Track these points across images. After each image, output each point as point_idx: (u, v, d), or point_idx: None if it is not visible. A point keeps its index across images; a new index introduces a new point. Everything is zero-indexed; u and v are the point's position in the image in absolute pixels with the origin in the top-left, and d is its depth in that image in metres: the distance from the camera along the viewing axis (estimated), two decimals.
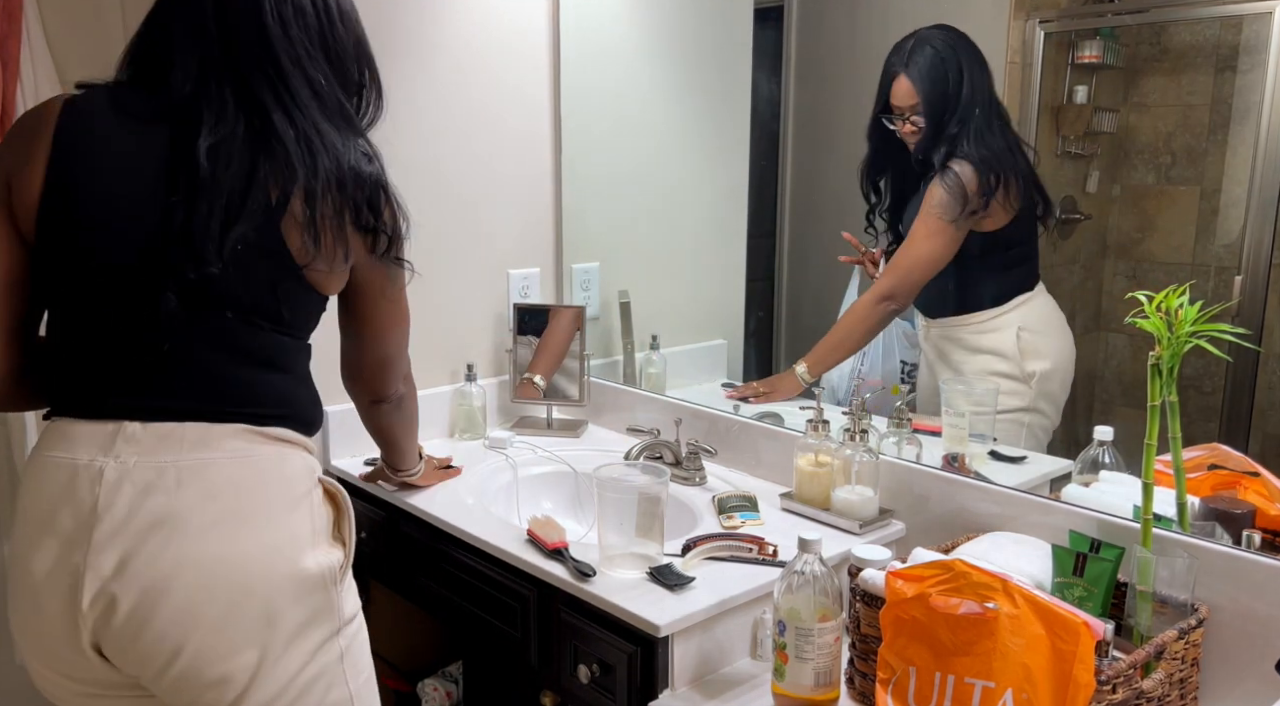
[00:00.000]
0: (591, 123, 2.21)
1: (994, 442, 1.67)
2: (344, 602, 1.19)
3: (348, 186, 1.18)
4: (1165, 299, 1.22)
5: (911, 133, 1.74)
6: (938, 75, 1.70)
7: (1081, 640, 1.06)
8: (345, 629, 1.19)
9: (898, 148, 1.77)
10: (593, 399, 2.16)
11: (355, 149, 1.20)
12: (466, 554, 1.63)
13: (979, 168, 1.65)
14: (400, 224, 1.29)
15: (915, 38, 1.72)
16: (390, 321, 1.38)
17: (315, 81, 1.17)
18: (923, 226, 1.71)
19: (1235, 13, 1.51)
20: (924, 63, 1.71)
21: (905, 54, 1.72)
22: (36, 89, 1.96)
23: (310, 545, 1.15)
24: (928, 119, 1.70)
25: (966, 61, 1.69)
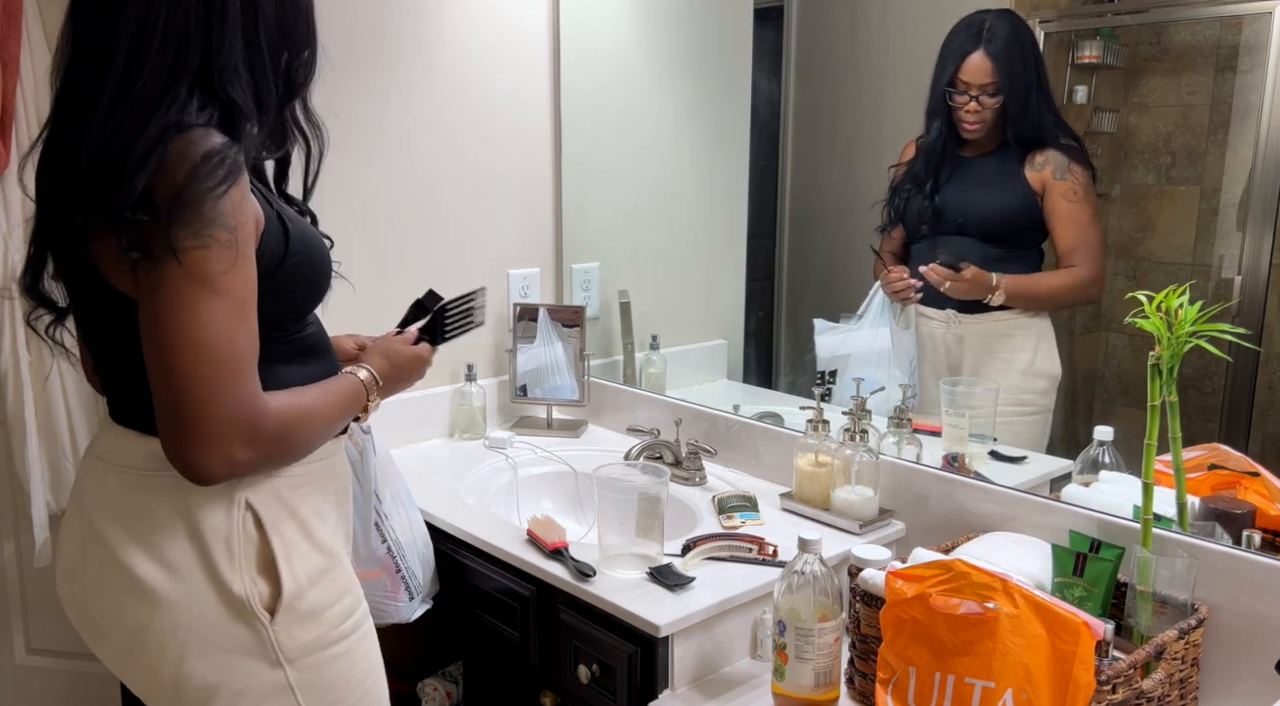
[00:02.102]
0: (591, 123, 2.21)
1: (994, 443, 1.67)
2: None
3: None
4: (1165, 299, 1.22)
5: (976, 112, 1.69)
6: (1017, 55, 1.66)
7: (1081, 640, 1.06)
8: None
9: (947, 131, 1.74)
10: (593, 399, 2.16)
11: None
12: (466, 554, 1.63)
13: (1081, 143, 1.64)
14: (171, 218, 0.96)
15: (989, 16, 1.67)
16: (151, 338, 1.00)
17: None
18: (1088, 207, 1.65)
19: (1235, 13, 1.51)
20: (1003, 39, 1.66)
21: (980, 31, 1.67)
22: (36, 89, 1.96)
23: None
24: (1008, 98, 1.67)
25: (1034, 47, 1.67)
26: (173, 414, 0.98)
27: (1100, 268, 1.66)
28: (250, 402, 1.01)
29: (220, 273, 0.98)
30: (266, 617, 1.08)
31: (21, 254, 1.97)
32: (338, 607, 1.15)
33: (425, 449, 2.03)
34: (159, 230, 0.96)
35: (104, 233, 1.00)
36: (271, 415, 1.03)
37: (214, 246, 0.97)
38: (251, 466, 1.04)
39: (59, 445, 2.03)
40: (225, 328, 0.98)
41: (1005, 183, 1.70)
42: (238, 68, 1.05)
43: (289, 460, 1.11)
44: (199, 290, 0.97)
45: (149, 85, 1.00)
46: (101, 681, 2.18)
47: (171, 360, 0.97)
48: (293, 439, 1.08)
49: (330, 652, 1.13)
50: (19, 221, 1.97)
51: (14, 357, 1.98)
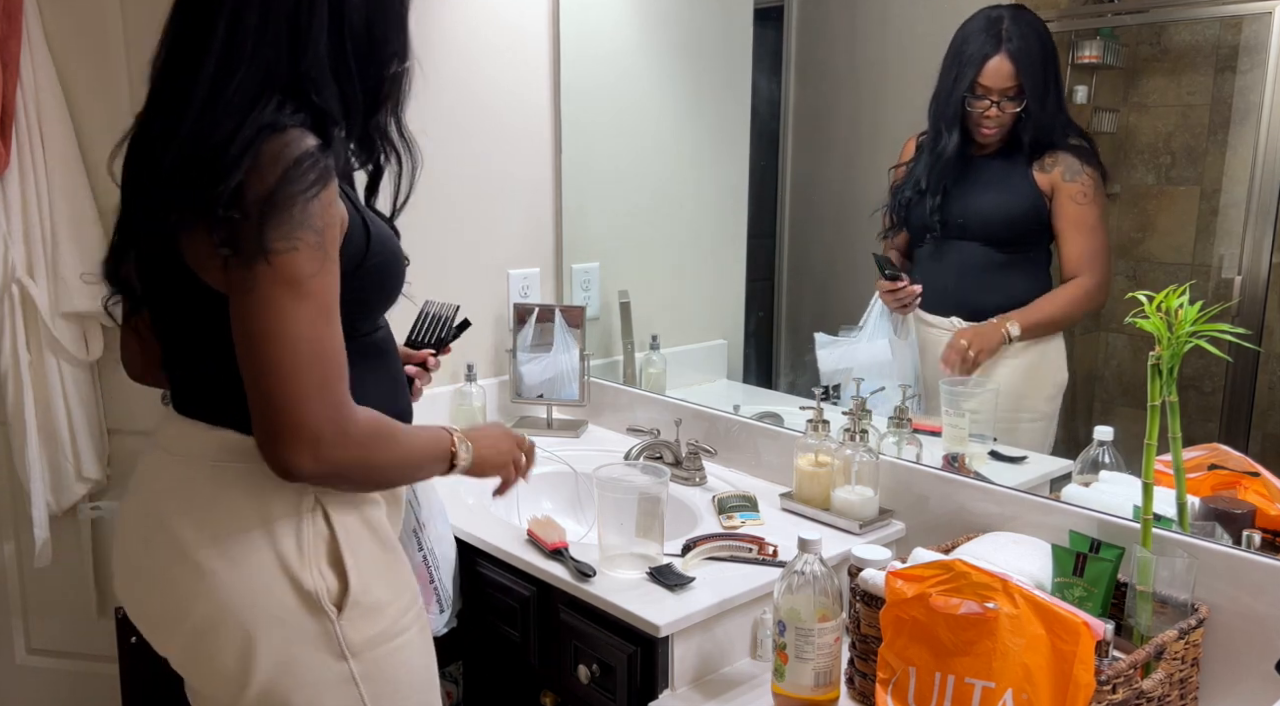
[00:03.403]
0: (591, 122, 2.21)
1: (994, 442, 1.67)
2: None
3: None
4: (1165, 299, 1.22)
5: (995, 117, 1.63)
6: (1039, 57, 1.60)
7: (1081, 640, 1.06)
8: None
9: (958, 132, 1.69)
10: (593, 399, 2.16)
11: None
12: (466, 553, 1.63)
13: (1092, 143, 1.60)
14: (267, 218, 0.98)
15: (1006, 15, 1.60)
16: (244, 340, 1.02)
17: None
18: (1095, 210, 1.61)
19: (1235, 13, 1.51)
20: (1024, 40, 1.59)
21: (1002, 31, 1.60)
22: (36, 89, 1.96)
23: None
24: (1029, 101, 1.60)
25: (1051, 44, 1.62)
26: (265, 413, 1.01)
27: (1105, 273, 1.64)
28: (342, 406, 1.03)
29: (309, 275, 1.00)
30: (334, 612, 1.10)
31: (22, 254, 1.97)
32: (399, 602, 1.17)
33: None
34: (251, 229, 0.97)
35: (197, 227, 1.01)
36: (359, 420, 1.05)
37: (302, 249, 0.99)
38: (340, 467, 1.05)
39: (59, 445, 2.03)
40: (313, 329, 1.01)
41: (1013, 185, 1.67)
42: (325, 75, 1.07)
43: (371, 473, 1.11)
44: (288, 292, 0.99)
45: (242, 86, 1.02)
46: (101, 681, 2.18)
47: (263, 360, 1.00)
48: (377, 450, 1.09)
49: (392, 646, 1.16)
50: (19, 221, 1.97)
51: (14, 358, 1.98)
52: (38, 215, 1.98)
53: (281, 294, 0.99)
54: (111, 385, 2.12)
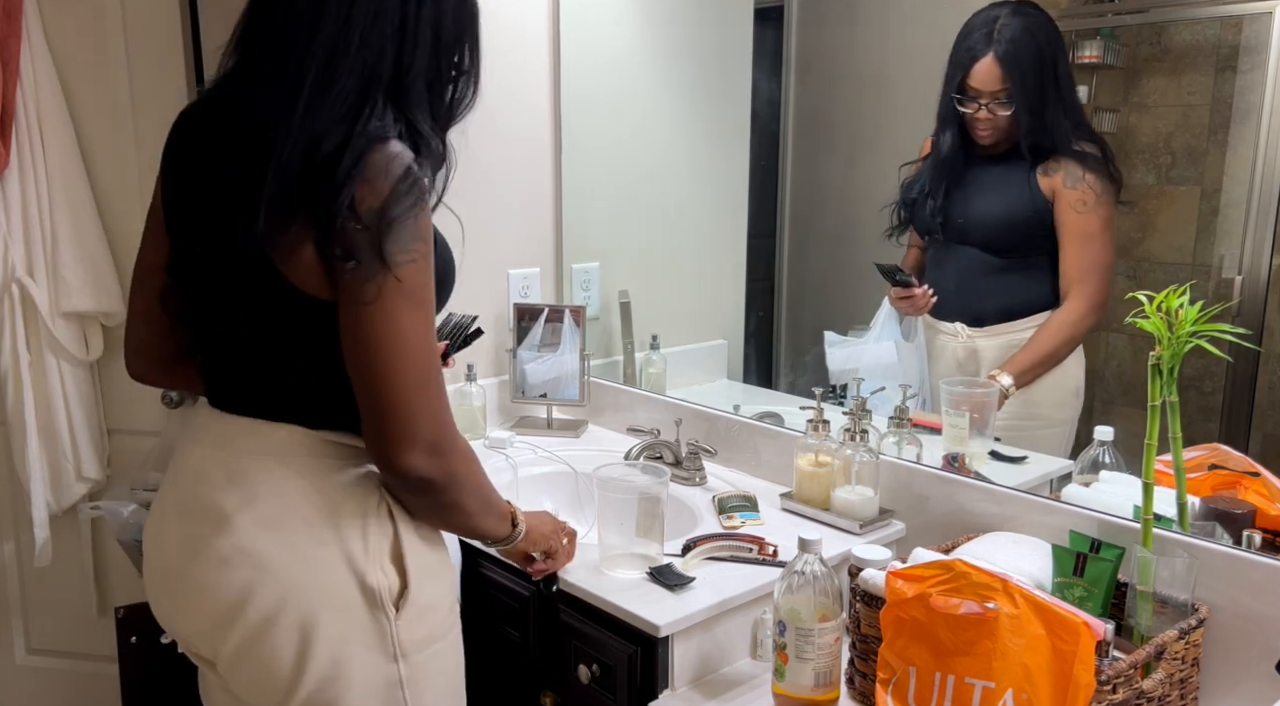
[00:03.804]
0: (591, 123, 2.21)
1: (996, 442, 1.67)
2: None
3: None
4: (1165, 299, 1.22)
5: (987, 119, 1.59)
6: (1030, 58, 1.55)
7: (1081, 640, 1.06)
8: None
9: (957, 135, 1.66)
10: (593, 399, 2.16)
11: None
12: (466, 553, 1.63)
13: (1105, 148, 1.55)
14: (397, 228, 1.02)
15: (1001, 12, 1.56)
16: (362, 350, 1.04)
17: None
18: (1096, 219, 1.55)
19: (1235, 13, 1.51)
20: (1014, 41, 1.54)
21: (991, 31, 1.55)
22: (36, 89, 1.96)
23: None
24: (1019, 105, 1.56)
25: (1056, 43, 1.56)
26: (385, 416, 1.04)
27: (1099, 292, 1.57)
28: (448, 410, 1.09)
29: (422, 285, 1.05)
30: (393, 612, 1.10)
31: (21, 254, 1.97)
32: (446, 602, 1.18)
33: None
34: (372, 241, 1.00)
35: (298, 231, 1.02)
36: (456, 433, 1.10)
37: (419, 261, 1.04)
38: (447, 473, 1.08)
39: (59, 445, 2.04)
40: (426, 338, 1.06)
41: (1014, 189, 1.62)
42: (423, 87, 1.10)
43: (463, 493, 1.13)
44: (407, 303, 1.03)
45: (348, 87, 1.03)
46: (101, 681, 2.18)
47: (384, 367, 1.03)
48: (471, 470, 1.14)
49: (435, 648, 1.16)
50: (19, 221, 1.97)
51: (14, 357, 1.98)
52: (38, 215, 1.98)
53: (403, 305, 1.03)
54: (111, 385, 2.12)
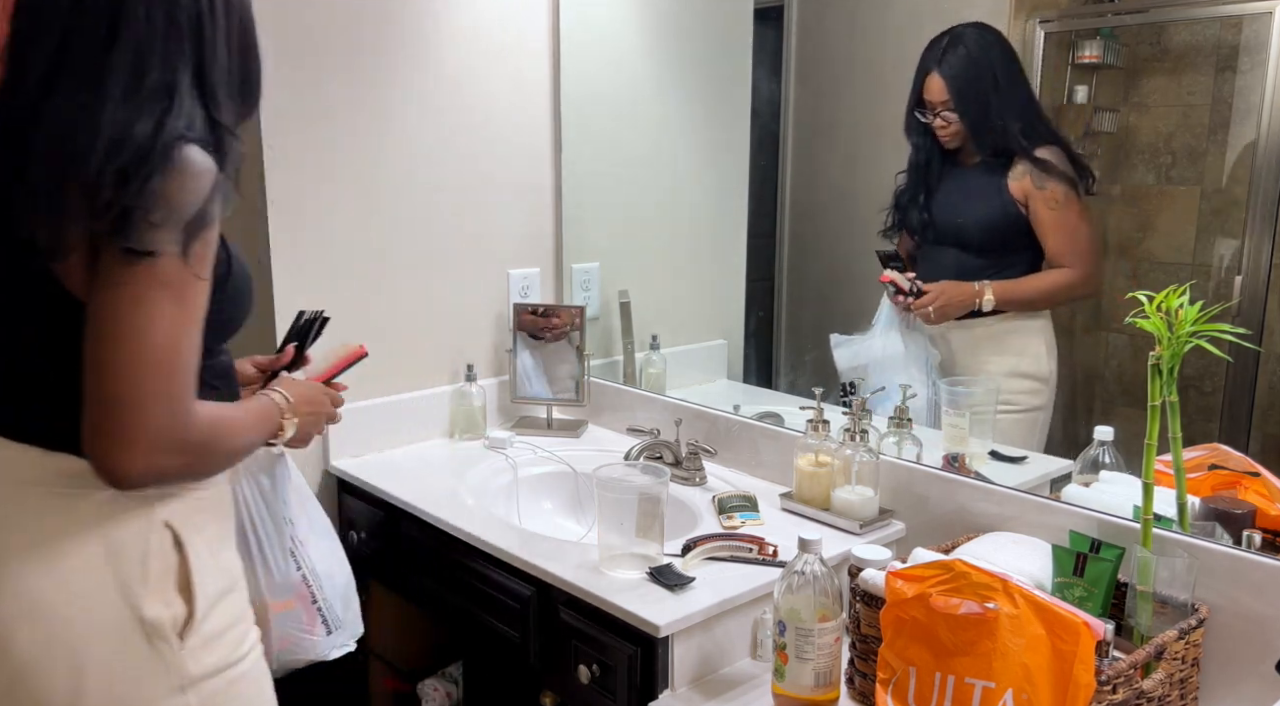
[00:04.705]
0: (592, 123, 2.21)
1: (991, 442, 1.67)
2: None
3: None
4: (1165, 299, 1.22)
5: (942, 127, 1.74)
6: (970, 73, 1.72)
7: (1081, 640, 1.06)
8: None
9: (932, 143, 1.78)
10: (593, 399, 2.16)
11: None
12: (466, 554, 1.63)
13: (1061, 148, 1.66)
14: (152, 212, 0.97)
15: (949, 35, 1.72)
16: (103, 333, 0.99)
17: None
18: (1070, 213, 1.67)
19: (1235, 13, 1.51)
20: (956, 61, 1.72)
21: (939, 51, 1.73)
22: None
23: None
24: (962, 115, 1.72)
25: (1000, 59, 1.70)
26: (106, 411, 0.98)
27: (1091, 266, 1.69)
28: (183, 413, 1.02)
29: (187, 284, 1.00)
30: (176, 642, 1.05)
31: None
32: (238, 628, 1.13)
33: (425, 449, 2.03)
34: (144, 226, 0.96)
35: (72, 217, 0.97)
36: (198, 425, 1.04)
37: (193, 262, 1.00)
38: (173, 473, 1.04)
39: None
40: (176, 336, 1.00)
41: (988, 194, 1.73)
42: (222, 82, 1.07)
43: (207, 471, 1.11)
44: (163, 294, 0.98)
45: (158, 82, 1.01)
46: None
47: (115, 358, 0.97)
48: (215, 449, 1.09)
49: (229, 675, 1.11)
50: None
51: None
52: None
53: (157, 296, 0.98)
54: None
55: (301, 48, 1.79)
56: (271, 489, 1.37)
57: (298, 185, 1.82)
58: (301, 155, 1.82)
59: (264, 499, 1.36)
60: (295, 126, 1.80)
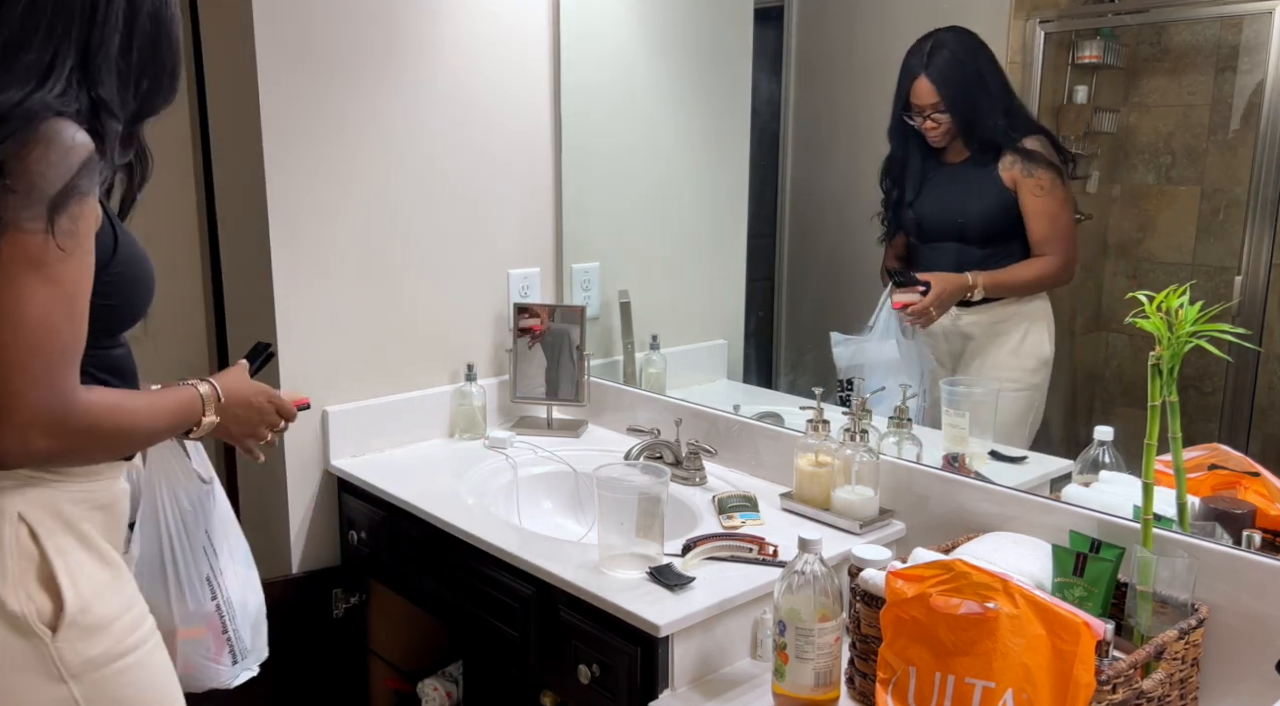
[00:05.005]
0: (591, 122, 2.21)
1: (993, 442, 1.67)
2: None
3: None
4: (1165, 299, 1.22)
5: (933, 128, 1.79)
6: (957, 75, 1.78)
7: (1082, 640, 1.06)
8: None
9: (917, 145, 1.83)
10: (593, 399, 2.16)
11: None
12: (466, 554, 1.63)
13: (1046, 136, 1.71)
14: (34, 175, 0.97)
15: (932, 39, 1.78)
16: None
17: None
18: (1054, 200, 1.72)
19: (1235, 13, 1.51)
20: (942, 63, 1.78)
21: (924, 55, 1.79)
22: None
23: None
24: (953, 115, 1.78)
25: (983, 58, 1.75)
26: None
27: (1069, 253, 1.74)
28: (62, 394, 1.01)
29: (58, 262, 0.98)
30: (47, 633, 1.04)
31: None
32: (125, 619, 1.12)
33: (425, 449, 2.03)
34: (11, 202, 0.95)
35: None
36: (82, 410, 1.03)
37: (64, 240, 0.98)
38: (53, 456, 1.04)
39: None
40: (49, 315, 0.99)
41: (982, 186, 1.77)
42: (112, 68, 1.06)
43: (93, 456, 1.10)
44: (30, 272, 0.97)
45: (32, 61, 1.00)
46: None
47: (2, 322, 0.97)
48: (102, 435, 1.08)
49: (118, 666, 1.10)
50: None
51: None
52: None
53: (23, 275, 0.97)
54: None
55: (301, 50, 1.79)
56: (194, 517, 1.36)
57: (298, 186, 1.82)
58: (301, 156, 1.82)
59: (185, 528, 1.35)
60: (295, 127, 1.80)
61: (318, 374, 1.90)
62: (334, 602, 1.95)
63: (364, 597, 1.98)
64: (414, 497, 1.74)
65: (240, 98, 1.79)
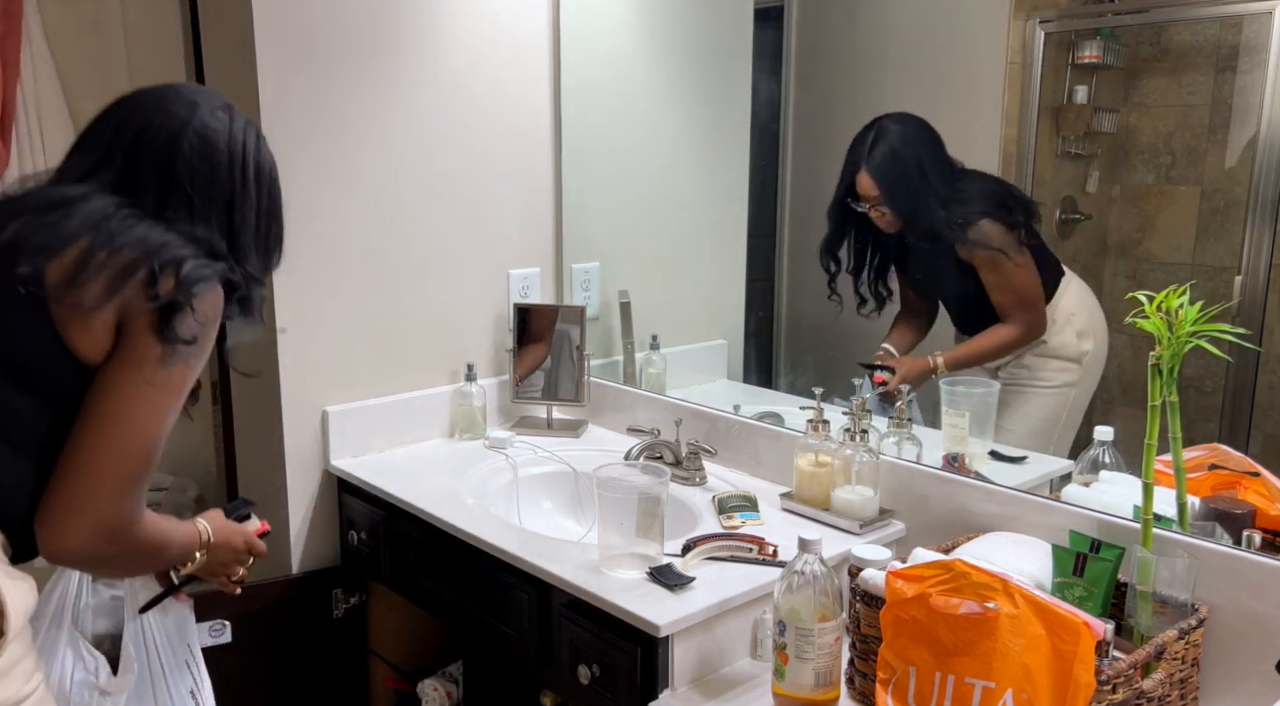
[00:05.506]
0: (592, 123, 2.21)
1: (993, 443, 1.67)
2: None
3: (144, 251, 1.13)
4: (1165, 299, 1.22)
5: (880, 218, 1.83)
6: (896, 169, 1.80)
7: (1082, 640, 1.06)
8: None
9: (867, 223, 1.85)
10: (593, 399, 2.16)
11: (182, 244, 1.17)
12: (466, 554, 1.63)
13: (993, 211, 1.73)
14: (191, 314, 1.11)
15: (875, 129, 1.80)
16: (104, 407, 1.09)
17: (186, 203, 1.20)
18: (1007, 274, 1.73)
19: (1235, 13, 1.51)
20: (881, 157, 1.80)
21: (866, 148, 1.81)
22: (36, 89, 1.96)
23: None
24: (893, 210, 1.81)
25: (925, 149, 1.78)
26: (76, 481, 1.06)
27: (1031, 318, 1.74)
28: (140, 505, 1.12)
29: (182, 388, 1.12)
30: None
31: None
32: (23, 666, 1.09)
33: (425, 449, 2.03)
34: (187, 323, 1.09)
35: (109, 299, 1.08)
36: (144, 525, 1.13)
37: (193, 365, 1.12)
38: (102, 561, 1.12)
39: None
40: (160, 432, 1.11)
41: (947, 267, 1.79)
42: (250, 243, 1.24)
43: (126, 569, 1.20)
44: (166, 392, 1.10)
45: (204, 235, 1.18)
46: None
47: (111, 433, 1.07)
48: (145, 552, 1.17)
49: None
50: None
51: None
52: None
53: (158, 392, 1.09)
54: None
55: (301, 51, 1.79)
56: (178, 634, 1.39)
57: (298, 186, 1.82)
58: (302, 156, 1.82)
59: (170, 644, 1.38)
60: (295, 128, 1.80)
61: (318, 374, 1.90)
62: (334, 602, 1.95)
63: (364, 597, 1.98)
64: (414, 498, 1.74)
65: (240, 98, 1.79)
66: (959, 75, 1.83)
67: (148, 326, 1.09)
